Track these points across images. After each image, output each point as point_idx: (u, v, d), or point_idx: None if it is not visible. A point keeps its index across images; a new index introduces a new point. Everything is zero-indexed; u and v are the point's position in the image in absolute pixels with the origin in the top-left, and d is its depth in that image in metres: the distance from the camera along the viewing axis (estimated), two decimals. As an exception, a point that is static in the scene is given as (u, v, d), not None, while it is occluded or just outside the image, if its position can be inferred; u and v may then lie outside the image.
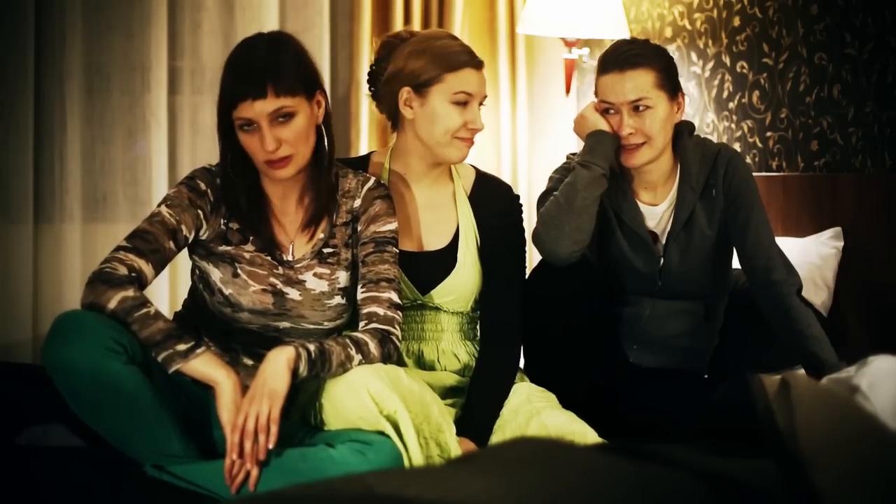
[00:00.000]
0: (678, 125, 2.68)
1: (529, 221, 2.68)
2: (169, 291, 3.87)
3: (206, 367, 2.10)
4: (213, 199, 2.33)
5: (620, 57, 2.60)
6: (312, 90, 2.30)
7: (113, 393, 2.04)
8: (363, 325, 2.29)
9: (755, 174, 2.86)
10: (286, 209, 2.39)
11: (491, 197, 2.63)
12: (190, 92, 4.00)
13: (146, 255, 2.20)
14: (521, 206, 2.67)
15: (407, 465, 2.10)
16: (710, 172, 2.67)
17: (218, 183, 2.34)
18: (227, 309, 2.33)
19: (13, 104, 3.67)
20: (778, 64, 3.53)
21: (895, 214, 3.07)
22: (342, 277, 2.39)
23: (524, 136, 4.39)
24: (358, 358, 2.18)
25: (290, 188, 2.37)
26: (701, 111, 3.86)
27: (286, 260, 2.37)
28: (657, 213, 2.72)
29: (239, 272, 2.33)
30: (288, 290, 2.34)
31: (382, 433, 2.10)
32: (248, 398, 2.07)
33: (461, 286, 2.55)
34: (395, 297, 2.32)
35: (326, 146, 2.35)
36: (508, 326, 2.55)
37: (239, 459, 2.05)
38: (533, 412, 2.38)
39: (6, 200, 3.68)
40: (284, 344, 2.18)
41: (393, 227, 2.41)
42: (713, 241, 2.70)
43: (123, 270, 2.15)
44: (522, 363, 2.63)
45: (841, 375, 2.01)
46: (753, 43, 3.63)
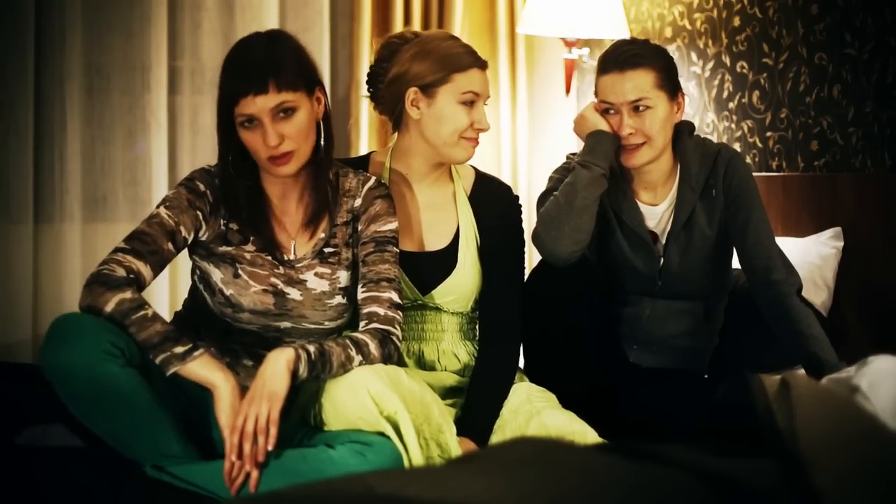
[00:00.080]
0: (678, 125, 2.68)
1: (529, 221, 2.68)
2: (169, 292, 3.87)
3: (203, 369, 2.09)
4: (212, 200, 2.33)
5: (620, 57, 2.60)
6: (312, 86, 2.30)
7: (111, 396, 2.03)
8: (363, 324, 2.29)
9: (755, 174, 2.86)
10: (286, 209, 2.39)
11: (491, 197, 2.63)
12: (190, 92, 4.00)
13: (144, 256, 2.20)
14: (520, 206, 2.67)
15: (407, 465, 2.10)
16: (710, 172, 2.67)
17: (217, 184, 2.34)
18: (227, 309, 2.33)
19: (13, 104, 3.67)
20: (778, 64, 3.53)
21: (895, 214, 3.07)
22: (343, 277, 2.38)
23: (524, 136, 4.39)
24: (358, 359, 2.17)
25: (290, 187, 2.37)
26: (701, 111, 3.86)
27: (287, 260, 2.36)
28: (657, 213, 2.72)
29: (240, 273, 2.33)
30: (289, 290, 2.34)
31: (383, 434, 2.10)
32: (247, 400, 2.07)
33: (461, 286, 2.55)
34: (395, 296, 2.32)
35: (326, 143, 2.35)
36: (508, 326, 2.55)
37: (238, 461, 2.05)
38: (533, 412, 2.38)
39: (6, 200, 3.68)
40: (285, 344, 2.17)
41: (393, 226, 2.41)
42: (713, 241, 2.70)
43: (121, 272, 2.14)
44: (522, 363, 2.62)
45: (841, 375, 2.01)
46: (753, 43, 3.63)
